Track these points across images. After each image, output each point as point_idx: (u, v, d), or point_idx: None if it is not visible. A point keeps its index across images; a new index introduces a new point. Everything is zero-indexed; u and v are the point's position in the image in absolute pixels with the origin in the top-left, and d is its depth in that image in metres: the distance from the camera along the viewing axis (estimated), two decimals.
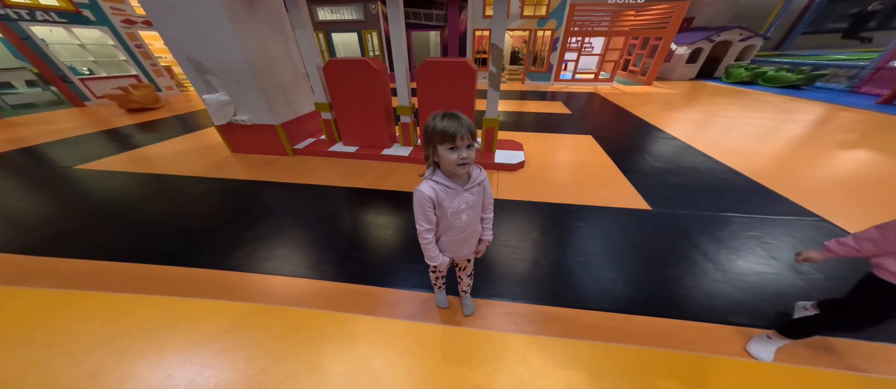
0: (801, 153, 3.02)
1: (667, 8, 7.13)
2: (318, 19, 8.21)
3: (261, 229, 2.02)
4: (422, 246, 0.97)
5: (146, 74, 7.19)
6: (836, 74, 5.84)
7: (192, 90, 8.49)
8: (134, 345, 1.14)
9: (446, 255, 1.01)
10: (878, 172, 2.57)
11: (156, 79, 7.33)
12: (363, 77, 2.78)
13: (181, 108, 6.09)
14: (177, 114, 5.57)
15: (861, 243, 0.82)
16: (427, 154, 0.82)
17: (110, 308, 1.31)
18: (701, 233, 1.84)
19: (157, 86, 7.29)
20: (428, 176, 0.85)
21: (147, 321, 1.24)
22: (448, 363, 1.05)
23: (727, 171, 2.68)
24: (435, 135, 0.75)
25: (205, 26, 2.46)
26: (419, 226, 0.91)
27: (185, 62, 2.74)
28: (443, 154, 0.76)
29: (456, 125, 0.72)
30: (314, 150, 3.37)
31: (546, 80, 8.54)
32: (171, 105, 6.45)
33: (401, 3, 2.45)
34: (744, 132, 3.70)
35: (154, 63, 7.28)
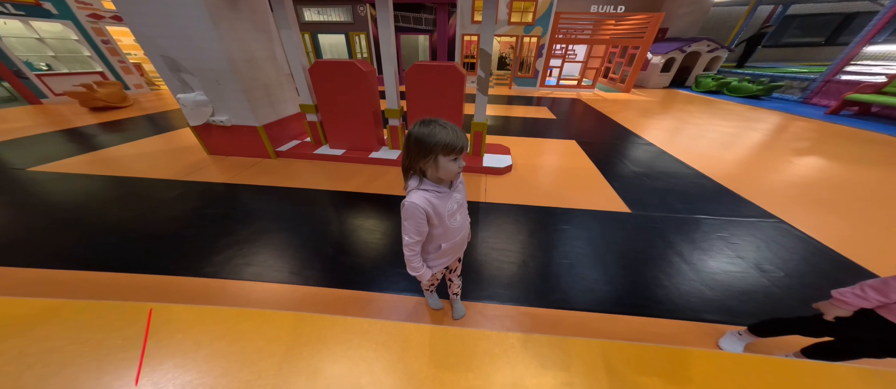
0: (761, 159, 3.28)
1: (644, 19, 7.56)
2: (304, 20, 8.04)
3: (241, 234, 1.94)
4: (406, 259, 0.93)
5: (113, 71, 6.73)
6: (790, 86, 6.40)
7: (164, 88, 8.03)
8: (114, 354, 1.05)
9: (444, 261, 1.00)
10: (828, 177, 2.84)
11: (124, 76, 6.88)
12: (351, 79, 2.75)
13: (152, 108, 5.75)
14: (147, 114, 5.25)
15: (868, 295, 0.84)
16: (413, 164, 0.78)
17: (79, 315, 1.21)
18: (675, 235, 1.95)
19: (125, 84, 6.84)
20: (415, 187, 0.81)
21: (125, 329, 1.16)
22: (447, 363, 1.05)
23: (697, 176, 2.86)
24: (437, 148, 0.72)
25: (182, 24, 2.35)
26: (408, 238, 0.86)
27: (159, 60, 2.60)
28: (444, 164, 0.75)
29: (459, 137, 0.72)
30: (298, 153, 3.28)
31: (532, 86, 8.78)
32: (140, 104, 6.07)
33: (390, 7, 2.45)
34: (711, 139, 3.97)
35: (122, 60, 6.84)
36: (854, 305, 0.87)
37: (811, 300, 1.47)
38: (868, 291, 0.84)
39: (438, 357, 1.06)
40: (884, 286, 0.81)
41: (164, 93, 7.33)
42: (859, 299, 0.86)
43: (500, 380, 0.99)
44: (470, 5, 7.54)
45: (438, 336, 1.13)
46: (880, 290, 0.82)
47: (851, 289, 0.87)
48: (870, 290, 0.83)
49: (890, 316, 0.83)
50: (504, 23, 7.85)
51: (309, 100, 3.07)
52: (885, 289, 0.81)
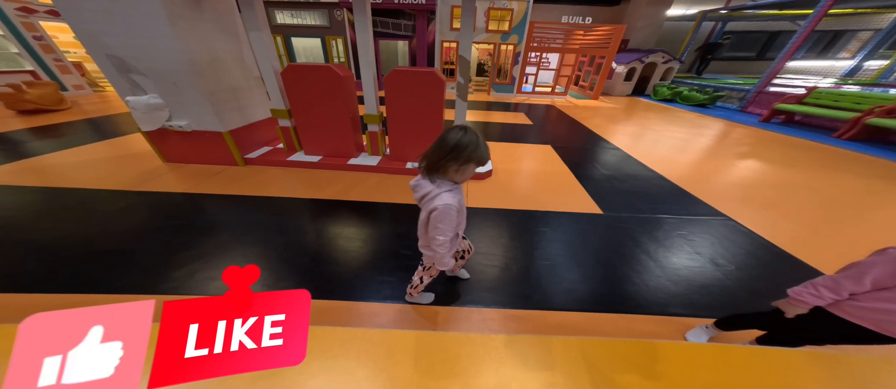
0: (710, 162, 3.65)
1: (608, 30, 8.16)
2: (276, 22, 7.70)
3: (204, 246, 1.80)
4: (440, 257, 1.01)
5: (47, 71, 5.96)
6: (730, 96, 7.22)
7: (110, 90, 7.24)
8: None
9: (457, 245, 1.12)
10: (766, 178, 3.22)
11: (61, 76, 6.11)
12: (327, 84, 2.66)
13: (95, 111, 5.15)
14: (89, 118, 4.69)
15: (839, 291, 0.87)
16: (441, 165, 0.86)
17: None
18: (642, 234, 2.10)
19: (61, 85, 6.08)
20: (442, 187, 0.90)
21: None
22: (432, 369, 1.03)
23: (658, 178, 3.12)
24: (474, 158, 0.83)
25: (133, 21, 2.15)
26: (444, 237, 0.94)
27: (104, 60, 2.34)
28: (468, 170, 0.87)
29: (487, 150, 0.86)
30: (270, 160, 3.10)
31: (509, 92, 9.08)
32: (80, 107, 5.43)
33: (368, 12, 2.42)
34: (668, 144, 4.35)
35: (59, 58, 6.07)
36: (810, 303, 0.91)
37: (759, 290, 1.64)
38: (822, 290, 0.88)
39: (423, 363, 1.04)
40: (835, 284, 0.86)
41: (109, 95, 6.61)
42: (815, 298, 0.90)
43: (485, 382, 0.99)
44: (449, 12, 7.67)
45: (423, 341, 1.12)
46: (832, 288, 0.87)
47: (806, 289, 0.91)
48: (823, 289, 0.88)
49: (841, 313, 0.88)
50: (482, 30, 8.08)
51: (281, 104, 2.93)
52: (837, 288, 0.86)
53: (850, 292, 0.85)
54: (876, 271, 0.79)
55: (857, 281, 0.82)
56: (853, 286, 0.84)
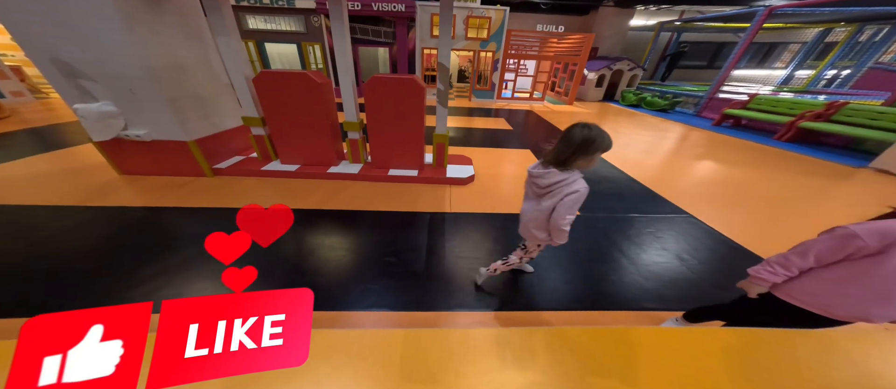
0: (673, 163, 3.96)
1: (579, 38, 8.64)
2: (247, 27, 7.37)
3: (167, 262, 1.69)
4: (565, 234, 1.18)
5: None
6: (687, 102, 7.90)
7: (55, 97, 6.53)
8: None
9: None
10: (720, 178, 3.54)
11: None
12: (304, 91, 2.59)
13: (37, 120, 4.64)
14: (30, 127, 4.22)
15: (789, 267, 0.93)
16: (572, 157, 1.03)
17: None
18: (616, 232, 2.23)
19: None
20: (574, 174, 1.07)
21: None
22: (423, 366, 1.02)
23: (628, 179, 3.33)
24: (600, 149, 0.98)
25: (83, 23, 1.98)
26: (572, 216, 1.11)
27: (48, 64, 2.13)
28: (595, 160, 1.02)
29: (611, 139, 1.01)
30: (243, 170, 2.95)
31: (490, 98, 9.30)
32: (20, 115, 4.87)
33: (345, 19, 2.40)
34: (636, 147, 4.66)
35: None
36: (767, 279, 0.96)
37: (719, 282, 1.79)
38: (775, 266, 0.94)
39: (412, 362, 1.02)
40: (785, 260, 0.93)
41: (54, 103, 5.98)
42: (770, 274, 0.95)
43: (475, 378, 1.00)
44: (429, 20, 7.76)
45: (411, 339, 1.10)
46: (783, 264, 0.93)
47: (762, 266, 0.97)
48: (776, 265, 0.94)
49: (792, 299, 0.93)
50: (461, 38, 8.23)
51: (254, 112, 2.80)
52: (787, 263, 0.92)
53: (797, 267, 0.92)
54: (819, 247, 0.87)
55: (803, 257, 0.90)
56: (799, 261, 0.90)
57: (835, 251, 0.85)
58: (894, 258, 0.75)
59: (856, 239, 0.79)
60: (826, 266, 0.88)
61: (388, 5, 7.36)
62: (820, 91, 8.15)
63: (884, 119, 3.82)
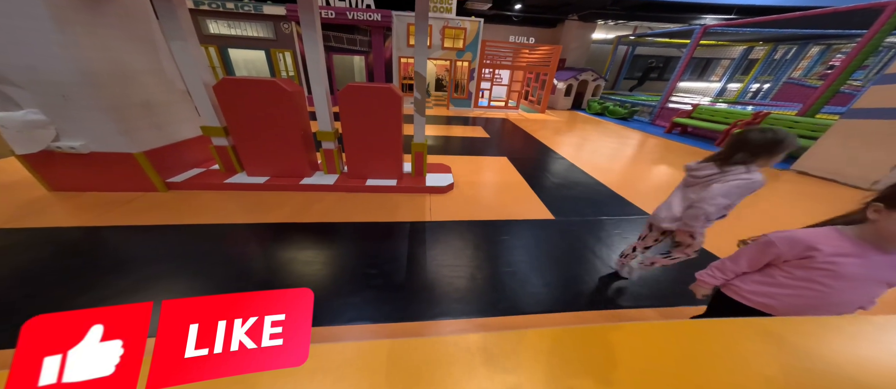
0: (634, 168, 4.32)
1: (548, 50, 9.18)
2: (208, 32, 6.85)
3: (114, 287, 1.52)
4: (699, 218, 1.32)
5: None
6: (643, 111, 8.71)
7: None
8: None
9: None
10: (672, 180, 3.93)
11: None
12: (273, 99, 2.46)
13: None
14: None
15: (726, 272, 1.03)
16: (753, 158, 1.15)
17: None
18: (588, 235, 2.37)
19: None
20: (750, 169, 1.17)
21: None
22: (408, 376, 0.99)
23: (597, 184, 3.56)
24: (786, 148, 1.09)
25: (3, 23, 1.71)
26: (723, 200, 1.21)
27: None
28: (777, 159, 1.11)
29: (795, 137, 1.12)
30: (202, 183, 2.71)
31: (467, 107, 9.49)
32: None
33: (318, 28, 2.33)
34: (603, 153, 5.03)
35: None
36: (709, 282, 1.07)
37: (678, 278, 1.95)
38: (715, 270, 1.06)
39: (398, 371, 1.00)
40: (723, 265, 1.04)
41: None
42: (711, 277, 1.06)
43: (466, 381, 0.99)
44: (405, 30, 7.78)
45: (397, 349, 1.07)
46: (720, 268, 1.05)
47: (706, 270, 1.09)
48: (715, 269, 1.06)
49: (739, 298, 1.00)
50: (438, 48, 8.35)
51: (215, 121, 2.60)
52: (724, 267, 1.03)
53: (732, 271, 1.03)
54: (748, 252, 0.98)
55: (736, 262, 1.02)
56: (733, 265, 1.02)
57: (758, 256, 0.95)
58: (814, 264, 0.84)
59: (772, 246, 0.90)
60: (763, 269, 0.97)
61: (364, 14, 7.28)
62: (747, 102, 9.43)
63: (799, 127, 4.51)
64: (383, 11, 7.27)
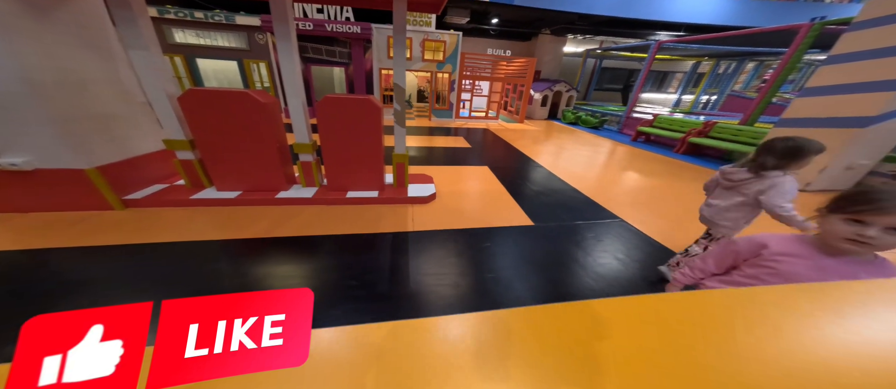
0: (606, 174, 4.60)
1: (524, 62, 9.63)
2: (173, 41, 6.50)
3: None
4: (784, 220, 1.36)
5: None
6: (612, 120, 9.34)
7: None
8: None
9: None
10: (641, 185, 4.22)
11: None
12: (246, 112, 2.37)
13: None
14: None
15: (694, 272, 1.10)
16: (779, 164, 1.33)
17: None
18: (566, 240, 2.47)
19: None
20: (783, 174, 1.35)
21: None
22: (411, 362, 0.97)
23: (573, 190, 3.75)
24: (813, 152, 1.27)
25: None
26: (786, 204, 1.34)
27: None
28: (807, 163, 1.30)
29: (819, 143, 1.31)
30: (165, 200, 2.53)
31: (449, 117, 9.65)
32: None
33: (293, 40, 2.31)
34: (578, 161, 5.31)
35: None
36: (682, 281, 1.15)
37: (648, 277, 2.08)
38: (686, 269, 1.13)
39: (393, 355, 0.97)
40: (693, 264, 1.11)
41: None
42: (683, 276, 1.14)
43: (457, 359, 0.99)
44: (385, 42, 7.84)
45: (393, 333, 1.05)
46: (691, 267, 1.11)
47: (680, 269, 1.21)
48: (687, 269, 1.13)
49: None
50: (418, 60, 8.49)
51: (180, 134, 2.45)
52: (693, 267, 1.11)
53: (701, 270, 1.10)
54: (715, 252, 1.08)
55: (704, 261, 1.10)
56: (702, 265, 1.10)
57: (722, 256, 1.04)
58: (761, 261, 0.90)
59: (733, 245, 1.00)
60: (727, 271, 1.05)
61: (343, 27, 7.27)
62: (700, 112, 10.41)
63: (742, 135, 5.05)
64: (363, 24, 7.31)
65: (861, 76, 3.09)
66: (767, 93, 5.02)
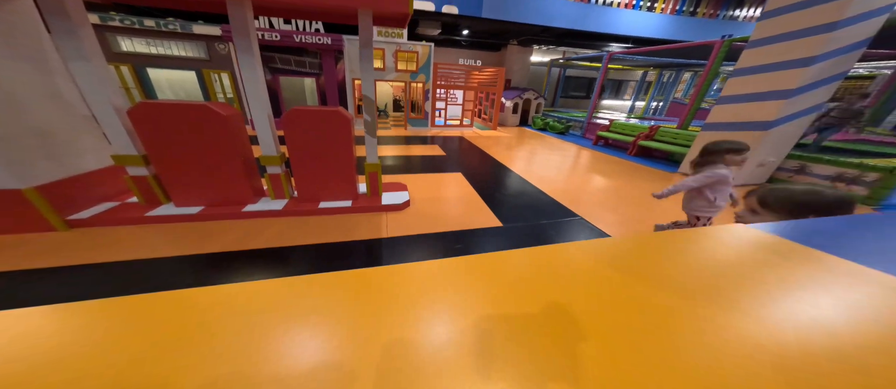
0: (572, 177, 4.96)
1: (494, 71, 10.08)
2: (119, 50, 6.00)
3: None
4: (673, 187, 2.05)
5: None
6: (575, 126, 10.06)
7: None
8: None
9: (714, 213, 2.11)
10: (599, 186, 4.61)
11: None
12: (205, 125, 2.31)
13: None
14: None
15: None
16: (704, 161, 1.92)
17: None
18: (531, 238, 2.67)
19: None
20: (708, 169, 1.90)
21: None
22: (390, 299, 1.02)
23: (539, 192, 4.01)
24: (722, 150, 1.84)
25: None
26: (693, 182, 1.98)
27: None
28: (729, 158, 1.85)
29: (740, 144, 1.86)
30: (116, 219, 2.37)
31: (424, 126, 9.77)
32: None
33: (255, 51, 2.30)
34: (544, 165, 5.66)
35: None
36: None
37: None
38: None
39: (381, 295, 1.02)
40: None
41: None
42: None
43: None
44: (357, 53, 7.84)
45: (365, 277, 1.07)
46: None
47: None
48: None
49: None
50: (392, 70, 8.57)
51: (131, 149, 2.33)
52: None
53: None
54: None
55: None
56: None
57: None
58: None
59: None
60: None
61: (313, 38, 7.17)
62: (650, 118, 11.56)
63: (679, 138, 5.73)
64: (333, 35, 7.27)
65: (759, 87, 3.72)
66: (695, 100, 5.77)
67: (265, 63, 7.29)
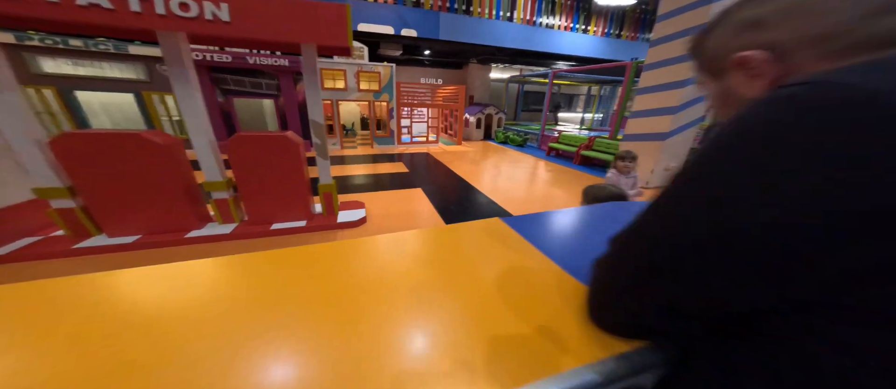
0: (521, 187, 5.42)
1: (455, 89, 10.66)
2: (40, 71, 5.44)
3: None
4: None
5: None
6: (532, 138, 10.93)
7: None
8: None
9: None
10: (548, 193, 5.12)
11: None
12: (138, 155, 2.27)
13: None
14: None
15: None
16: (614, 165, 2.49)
17: None
18: None
19: None
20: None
21: None
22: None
23: (491, 202, 4.37)
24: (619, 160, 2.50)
25: None
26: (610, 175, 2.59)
27: None
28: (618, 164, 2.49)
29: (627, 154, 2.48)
30: (39, 254, 2.23)
31: (391, 144, 9.94)
32: None
33: (193, 79, 2.34)
34: (499, 176, 6.11)
35: None
36: None
37: None
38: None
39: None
40: None
41: None
42: None
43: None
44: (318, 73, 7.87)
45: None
46: None
47: None
48: None
49: None
50: (354, 90, 8.70)
51: (54, 181, 2.22)
52: None
53: None
54: None
55: None
56: None
57: None
58: None
59: None
60: None
61: (269, 60, 7.10)
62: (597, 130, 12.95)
63: (611, 147, 6.59)
64: (290, 57, 7.26)
65: (656, 104, 4.54)
66: (618, 114, 6.74)
67: (217, 85, 7.03)
